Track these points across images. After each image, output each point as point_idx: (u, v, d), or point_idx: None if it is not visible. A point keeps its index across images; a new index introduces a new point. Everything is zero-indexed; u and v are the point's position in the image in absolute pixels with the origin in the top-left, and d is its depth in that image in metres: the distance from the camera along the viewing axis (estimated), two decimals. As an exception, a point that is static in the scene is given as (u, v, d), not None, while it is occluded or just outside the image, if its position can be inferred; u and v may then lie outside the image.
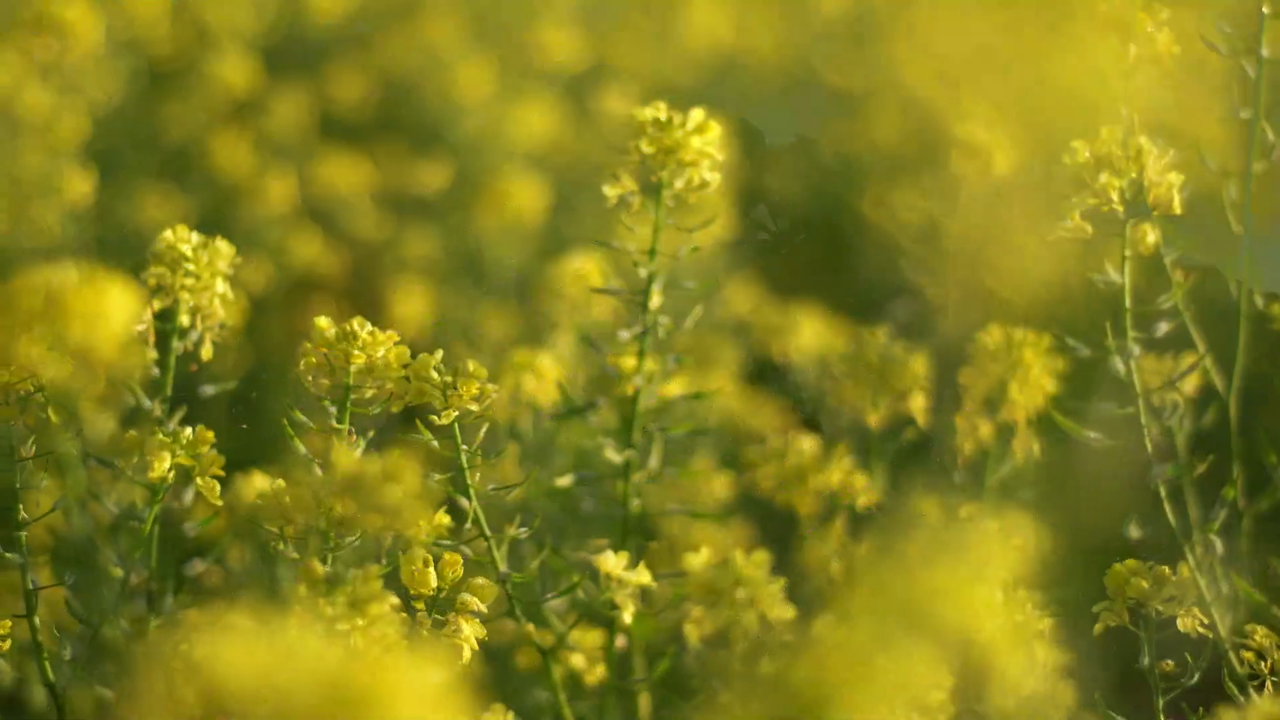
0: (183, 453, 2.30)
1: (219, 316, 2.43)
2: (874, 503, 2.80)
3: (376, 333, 2.30)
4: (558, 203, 4.07)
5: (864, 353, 2.78)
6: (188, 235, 2.43)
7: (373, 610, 2.00)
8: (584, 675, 2.61)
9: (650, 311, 2.52)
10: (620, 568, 2.39)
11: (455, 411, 2.25)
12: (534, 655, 2.55)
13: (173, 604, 2.49)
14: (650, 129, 2.44)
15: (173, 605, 2.49)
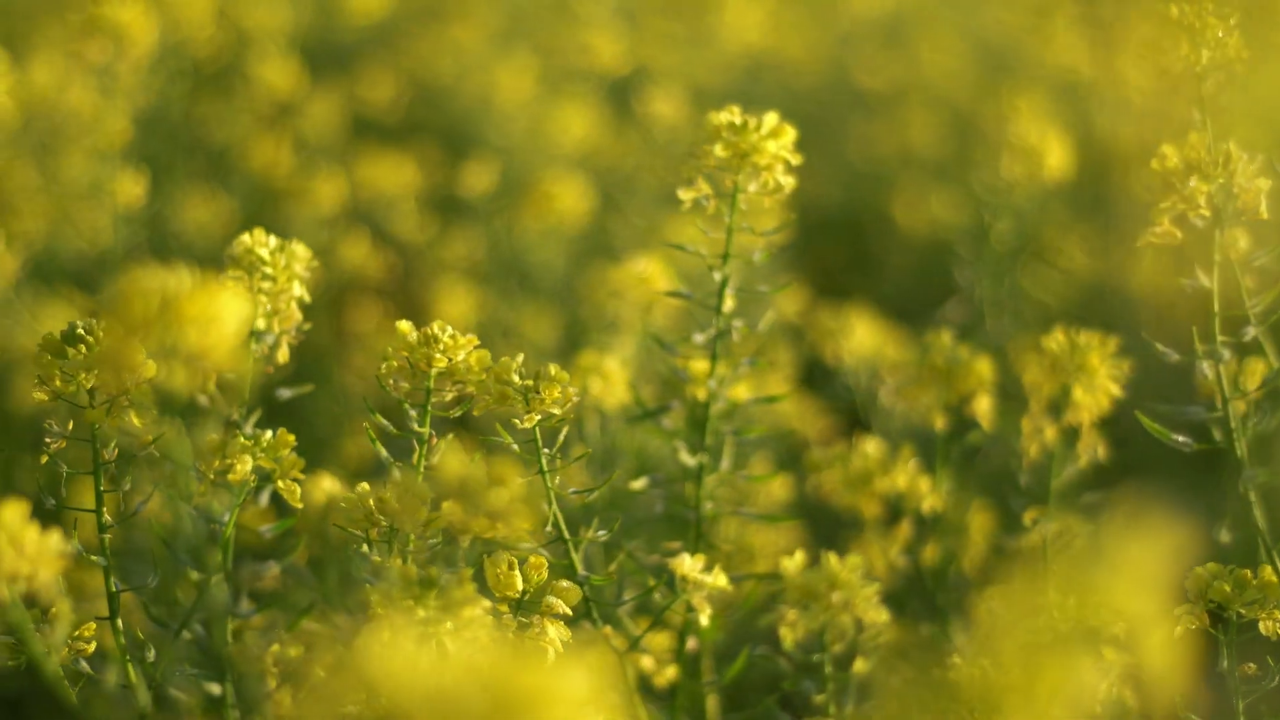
0: (264, 456, 2.31)
1: (296, 319, 2.44)
2: (938, 506, 2.81)
3: (458, 336, 2.30)
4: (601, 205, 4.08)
5: (930, 355, 2.78)
6: (265, 239, 2.44)
7: (465, 613, 2.00)
8: (653, 677, 2.62)
9: (724, 315, 2.52)
10: (697, 570, 2.40)
11: (538, 415, 2.26)
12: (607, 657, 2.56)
13: (247, 606, 2.51)
14: (725, 133, 2.45)
15: (247, 607, 2.50)
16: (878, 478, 2.77)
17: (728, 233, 2.49)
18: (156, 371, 1.68)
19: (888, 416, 3.50)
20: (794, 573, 1.97)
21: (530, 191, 3.99)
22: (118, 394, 2.14)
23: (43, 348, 2.21)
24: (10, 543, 1.82)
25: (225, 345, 1.65)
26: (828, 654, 2.05)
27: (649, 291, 3.09)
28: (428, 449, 2.31)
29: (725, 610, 2.49)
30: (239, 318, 1.67)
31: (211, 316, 1.65)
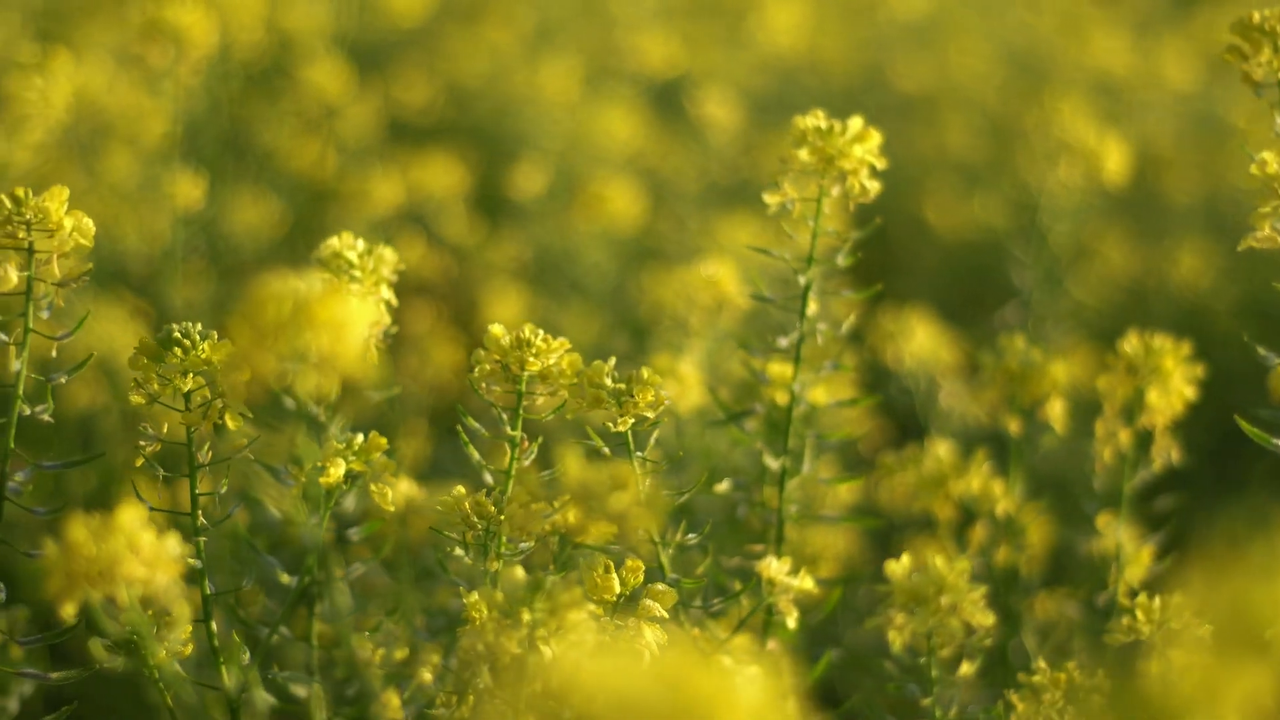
0: (355, 459, 2.32)
1: (384, 322, 2.44)
2: (1011, 510, 2.82)
3: (550, 340, 2.31)
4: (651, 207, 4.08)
5: (1004, 359, 2.79)
6: (353, 241, 2.45)
7: (571, 617, 2.01)
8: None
9: (807, 318, 2.53)
10: (783, 573, 2.41)
11: (631, 419, 2.27)
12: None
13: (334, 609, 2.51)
14: (812, 137, 2.45)
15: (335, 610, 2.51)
16: (952, 480, 2.77)
17: (812, 237, 2.49)
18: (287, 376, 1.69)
19: (945, 418, 3.51)
20: (901, 576, 1.98)
21: (580, 193, 3.99)
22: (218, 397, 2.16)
23: (140, 351, 2.22)
24: (128, 546, 1.82)
25: (354, 350, 1.65)
26: (933, 657, 2.06)
27: (718, 294, 3.10)
28: (519, 452, 2.32)
29: (807, 613, 2.50)
30: (367, 323, 1.67)
31: (341, 322, 1.65)
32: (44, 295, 2.16)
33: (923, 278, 5.07)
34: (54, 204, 2.11)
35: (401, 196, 4.03)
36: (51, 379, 2.17)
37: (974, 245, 4.98)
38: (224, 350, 2.22)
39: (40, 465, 2.18)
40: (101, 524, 1.83)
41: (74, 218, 2.13)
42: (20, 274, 2.13)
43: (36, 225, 2.12)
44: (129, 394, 2.22)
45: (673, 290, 3.22)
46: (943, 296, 4.81)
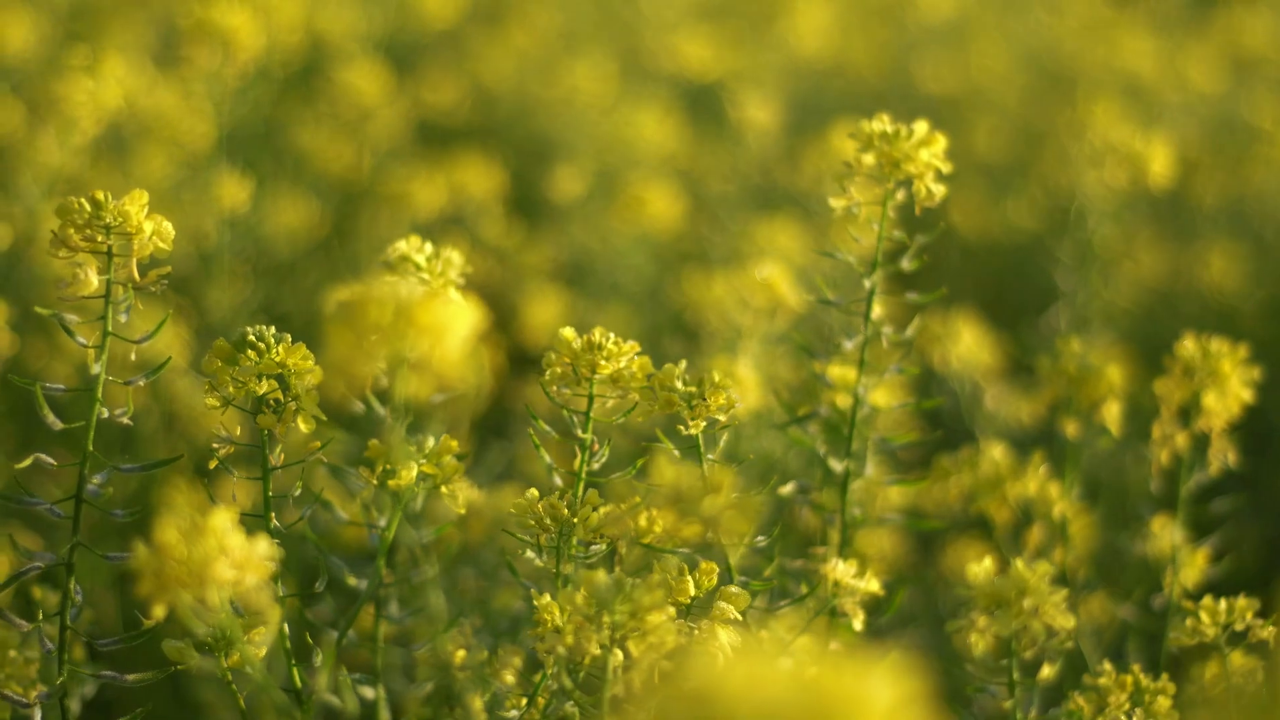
0: (427, 462, 2.32)
1: (481, 327, 2.44)
2: (1067, 512, 2.83)
3: (621, 343, 2.31)
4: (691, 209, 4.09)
5: (1061, 362, 2.80)
6: (420, 244, 2.45)
7: (651, 619, 2.02)
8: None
9: (872, 321, 2.53)
10: (849, 576, 2.41)
11: (703, 422, 2.28)
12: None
13: (399, 611, 2.52)
14: (878, 141, 2.46)
15: (400, 612, 2.52)
16: (1010, 483, 2.78)
17: (877, 241, 2.50)
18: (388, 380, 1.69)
19: (990, 421, 3.52)
20: (983, 579, 1.99)
21: (620, 195, 4.00)
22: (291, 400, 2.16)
23: (214, 354, 2.22)
24: (219, 548, 1.83)
25: (455, 354, 1.66)
26: (1015, 660, 2.07)
27: (772, 297, 3.10)
28: (590, 455, 2.33)
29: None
30: (468, 327, 1.68)
31: (443, 326, 1.66)
32: (123, 299, 2.16)
33: (948, 280, 5.07)
34: (134, 207, 2.12)
35: (444, 199, 4.03)
36: (131, 382, 2.17)
37: (999, 248, 4.99)
38: (299, 353, 2.23)
39: (119, 468, 2.18)
40: (193, 526, 1.84)
41: (153, 221, 2.14)
42: (100, 277, 2.13)
43: (116, 229, 2.13)
44: (203, 395, 2.22)
45: (720, 292, 3.22)
46: (967, 299, 4.83)
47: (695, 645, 2.19)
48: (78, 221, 2.12)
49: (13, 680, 2.40)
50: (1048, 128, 5.14)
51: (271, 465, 2.27)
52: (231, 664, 2.21)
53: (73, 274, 2.11)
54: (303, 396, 2.23)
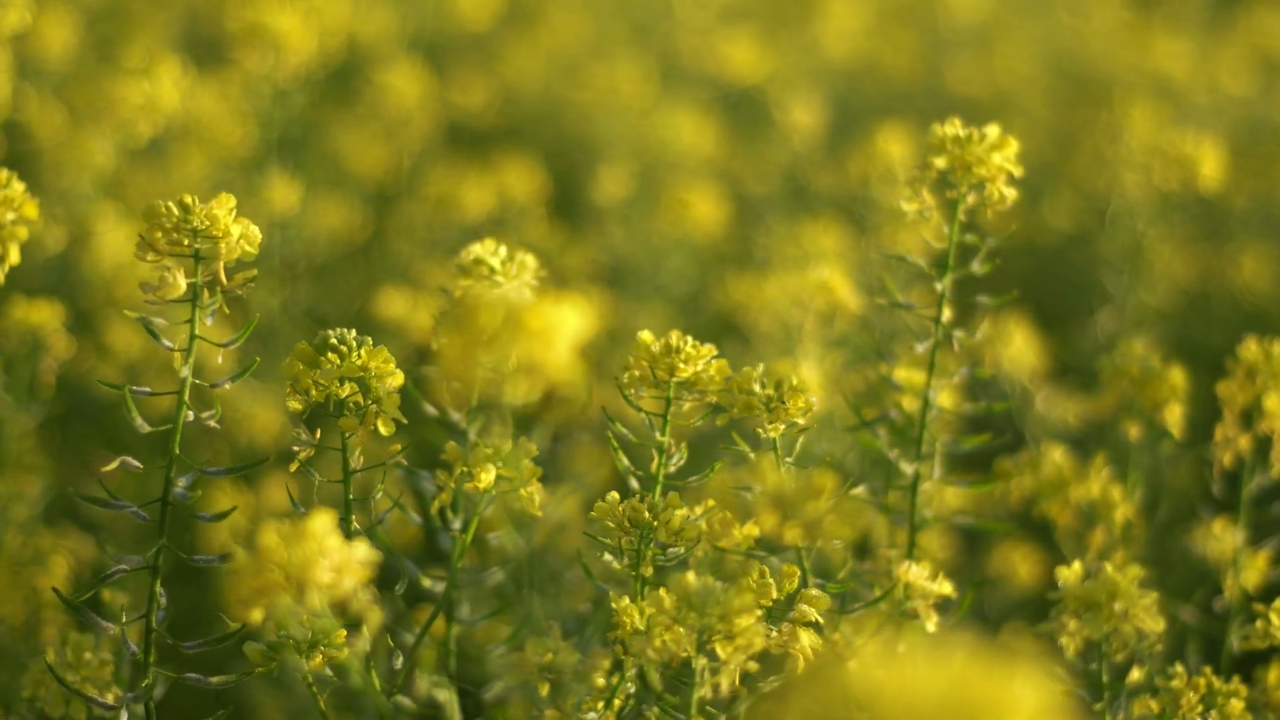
0: (505, 466, 2.33)
1: (588, 330, 2.44)
2: (1130, 515, 2.84)
3: (699, 346, 2.32)
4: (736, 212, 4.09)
5: (1124, 365, 2.81)
6: (495, 248, 2.46)
7: (741, 622, 2.03)
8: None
9: (943, 325, 2.54)
10: (923, 578, 2.42)
11: (783, 425, 2.28)
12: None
13: (470, 613, 2.53)
14: (950, 145, 2.47)
15: (470, 614, 2.53)
16: (1073, 485, 2.79)
17: (949, 244, 2.51)
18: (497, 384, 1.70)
19: (1041, 423, 3.53)
20: (1073, 583, 2.00)
21: (662, 198, 4.01)
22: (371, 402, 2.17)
23: (296, 357, 2.23)
24: (319, 552, 1.84)
25: (563, 358, 1.67)
26: (1105, 663, 2.07)
27: (831, 299, 3.11)
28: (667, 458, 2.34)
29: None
30: (575, 332, 1.69)
31: (552, 330, 1.67)
32: (210, 302, 2.16)
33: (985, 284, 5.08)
34: (222, 211, 2.13)
35: (492, 201, 4.04)
36: (218, 385, 2.18)
37: (1034, 250, 4.99)
38: (380, 357, 2.24)
39: (205, 471, 2.18)
40: (292, 530, 1.84)
41: (240, 225, 2.14)
42: (188, 281, 2.14)
43: (203, 232, 2.13)
44: (285, 398, 2.23)
45: (772, 294, 3.23)
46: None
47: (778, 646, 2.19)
48: (165, 225, 2.12)
49: (88, 682, 2.41)
50: (1079, 130, 5.15)
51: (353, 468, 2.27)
52: (314, 667, 2.22)
53: (160, 277, 2.12)
54: (384, 399, 2.24)
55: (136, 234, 3.58)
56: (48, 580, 3.07)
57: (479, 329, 1.66)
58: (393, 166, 4.41)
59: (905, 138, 3.90)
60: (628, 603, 2.20)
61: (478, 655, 2.54)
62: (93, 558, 3.32)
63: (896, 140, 3.88)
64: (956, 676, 1.18)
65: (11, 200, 2.40)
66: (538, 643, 2.16)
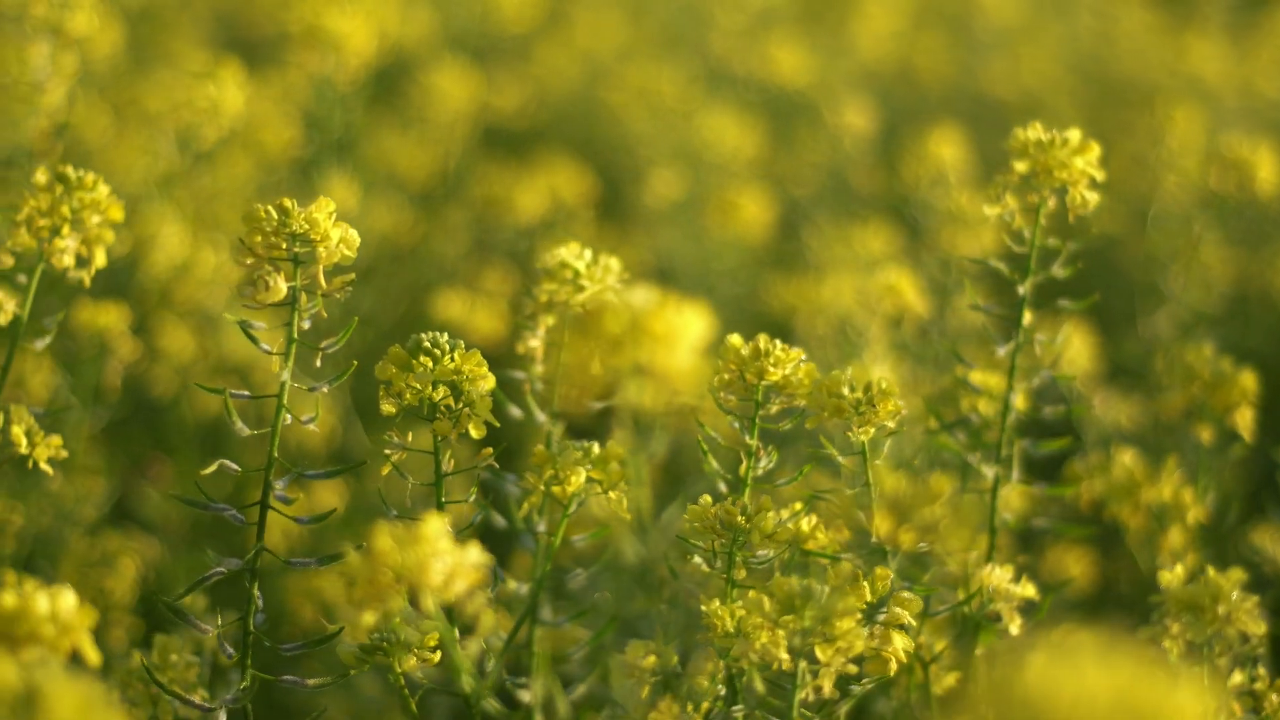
0: (594, 468, 2.34)
1: (710, 335, 2.45)
2: (1201, 518, 2.84)
3: (788, 349, 2.33)
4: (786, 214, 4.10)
5: (1194, 368, 2.82)
6: (580, 251, 2.47)
7: (841, 626, 2.04)
8: (931, 684, 2.64)
9: (1024, 328, 2.55)
10: (1006, 581, 2.43)
11: (872, 429, 2.29)
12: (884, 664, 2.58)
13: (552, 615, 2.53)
14: (1032, 149, 2.48)
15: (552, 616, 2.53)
16: (1145, 488, 2.80)
17: (1030, 248, 2.52)
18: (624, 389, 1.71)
19: (1096, 425, 3.54)
20: (1177, 586, 2.01)
21: (710, 200, 4.01)
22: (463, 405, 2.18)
23: (389, 360, 2.24)
24: (433, 555, 1.84)
25: (687, 363, 1.68)
26: (1208, 665, 2.08)
27: (899, 302, 3.12)
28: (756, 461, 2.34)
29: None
30: (697, 336, 1.70)
31: (675, 334, 1.67)
32: (310, 305, 2.17)
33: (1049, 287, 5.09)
34: (322, 215, 2.13)
35: (544, 203, 4.05)
36: (315, 388, 2.19)
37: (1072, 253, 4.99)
38: (474, 360, 2.25)
39: (302, 474, 2.19)
40: (406, 533, 1.85)
41: (340, 228, 2.15)
42: (288, 285, 2.15)
43: (301, 236, 2.14)
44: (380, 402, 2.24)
45: (829, 296, 3.24)
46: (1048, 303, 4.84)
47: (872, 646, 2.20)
48: (265, 229, 2.13)
49: (175, 684, 2.41)
50: (1114, 133, 5.16)
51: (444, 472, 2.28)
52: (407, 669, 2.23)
53: (261, 281, 2.13)
54: (477, 403, 2.25)
55: (192, 237, 3.60)
56: (116, 582, 3.08)
57: (603, 333, 1.67)
58: (436, 168, 4.41)
59: (957, 140, 3.91)
60: (718, 605, 2.21)
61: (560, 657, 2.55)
62: (154, 558, 3.33)
63: (948, 143, 3.88)
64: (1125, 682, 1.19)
65: (97, 203, 2.41)
66: (639, 644, 2.17)
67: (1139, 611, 3.63)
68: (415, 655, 2.23)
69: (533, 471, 2.34)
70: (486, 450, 2.29)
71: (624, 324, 1.68)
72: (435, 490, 2.29)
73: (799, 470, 2.35)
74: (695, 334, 1.71)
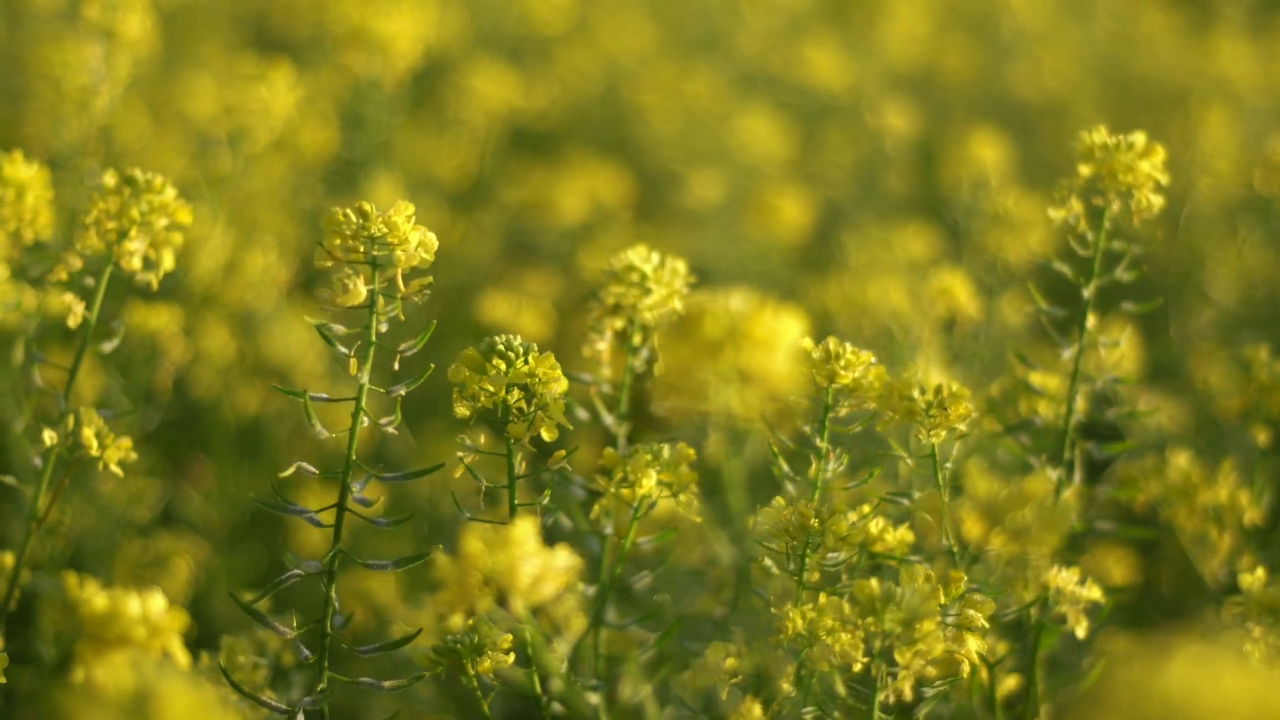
0: (664, 471, 2.34)
1: (805, 339, 2.46)
2: (1258, 520, 2.85)
3: (859, 352, 2.33)
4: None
5: (1253, 371, 2.83)
6: (647, 255, 2.48)
7: (924, 628, 2.04)
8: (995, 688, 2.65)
9: (1088, 331, 2.56)
10: (1072, 583, 2.44)
11: (943, 432, 2.30)
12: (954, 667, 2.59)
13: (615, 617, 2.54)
14: (1098, 152, 2.48)
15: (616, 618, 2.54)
16: (1201, 491, 2.80)
17: (1095, 252, 2.52)
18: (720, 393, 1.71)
19: (1138, 426, 3.55)
20: (1258, 589, 2.02)
21: (754, 201, 4.02)
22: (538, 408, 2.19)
23: (463, 363, 2.24)
24: (522, 558, 1.85)
25: (784, 367, 1.68)
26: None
27: (951, 305, 3.12)
28: (825, 464, 2.35)
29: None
30: (794, 339, 1.70)
31: (773, 338, 1.68)
32: (389, 308, 2.18)
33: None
34: (401, 218, 2.14)
35: (587, 206, 4.05)
36: (392, 391, 2.19)
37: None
38: (547, 363, 2.25)
39: (380, 476, 2.19)
40: (495, 536, 1.86)
41: (418, 231, 2.15)
42: (367, 288, 2.15)
43: (380, 239, 2.14)
44: (454, 405, 2.24)
45: (875, 298, 3.25)
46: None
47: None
48: (345, 232, 2.13)
49: (245, 685, 2.41)
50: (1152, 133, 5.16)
51: (517, 474, 2.29)
52: (482, 671, 2.23)
53: (340, 284, 2.13)
54: (550, 405, 2.25)
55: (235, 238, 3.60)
56: (169, 583, 3.09)
57: (703, 337, 1.68)
58: (470, 170, 4.42)
59: (997, 142, 3.92)
60: (791, 607, 2.21)
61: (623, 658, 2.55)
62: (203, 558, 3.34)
63: (989, 145, 3.89)
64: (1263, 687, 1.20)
65: (165, 206, 2.42)
66: (719, 647, 2.17)
67: (1180, 614, 3.65)
68: (489, 657, 2.23)
69: (603, 474, 2.35)
70: (559, 453, 2.30)
71: (724, 328, 1.69)
72: (509, 492, 2.29)
73: (868, 473, 2.36)
74: (791, 338, 1.72)
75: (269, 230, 3.89)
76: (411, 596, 3.17)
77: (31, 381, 2.42)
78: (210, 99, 4.00)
